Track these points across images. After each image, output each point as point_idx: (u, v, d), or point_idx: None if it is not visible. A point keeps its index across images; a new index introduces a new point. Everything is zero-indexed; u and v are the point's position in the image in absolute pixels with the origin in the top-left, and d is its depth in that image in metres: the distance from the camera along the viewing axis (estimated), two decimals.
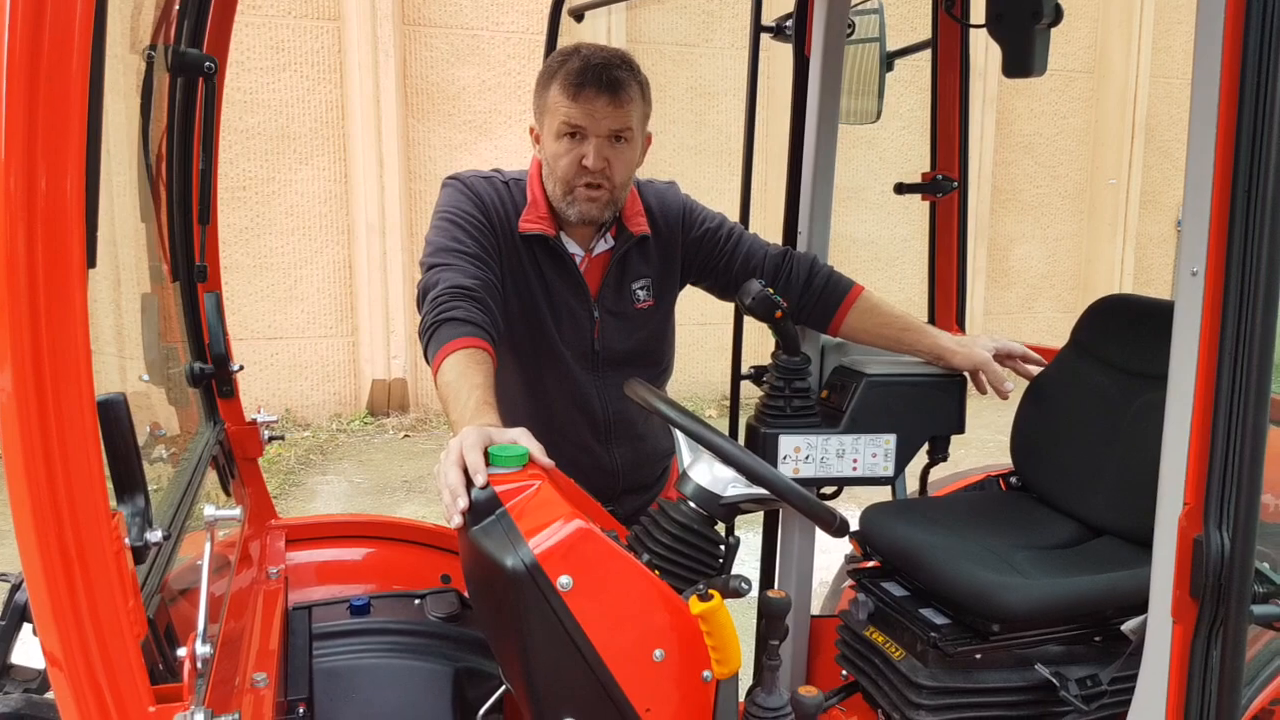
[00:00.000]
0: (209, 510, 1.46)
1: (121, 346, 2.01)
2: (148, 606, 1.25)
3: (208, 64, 1.91)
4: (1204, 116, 1.35)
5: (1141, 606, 1.54)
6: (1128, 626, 1.79)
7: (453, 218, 2.23)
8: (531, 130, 2.32)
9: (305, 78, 8.18)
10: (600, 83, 2.14)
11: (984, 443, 3.81)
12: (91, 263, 1.03)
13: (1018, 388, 2.47)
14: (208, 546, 1.39)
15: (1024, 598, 1.95)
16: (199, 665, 1.16)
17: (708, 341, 8.50)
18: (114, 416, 1.19)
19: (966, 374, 2.47)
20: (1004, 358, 2.45)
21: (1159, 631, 1.48)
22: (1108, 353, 2.35)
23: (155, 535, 1.20)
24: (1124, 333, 2.34)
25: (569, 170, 2.20)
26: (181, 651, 1.15)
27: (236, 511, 1.54)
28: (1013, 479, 2.61)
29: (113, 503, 1.19)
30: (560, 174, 2.22)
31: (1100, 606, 2.00)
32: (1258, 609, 1.41)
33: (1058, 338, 2.56)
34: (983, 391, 2.45)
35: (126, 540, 1.09)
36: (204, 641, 1.16)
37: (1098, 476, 2.27)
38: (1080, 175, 11.27)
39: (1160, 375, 1.47)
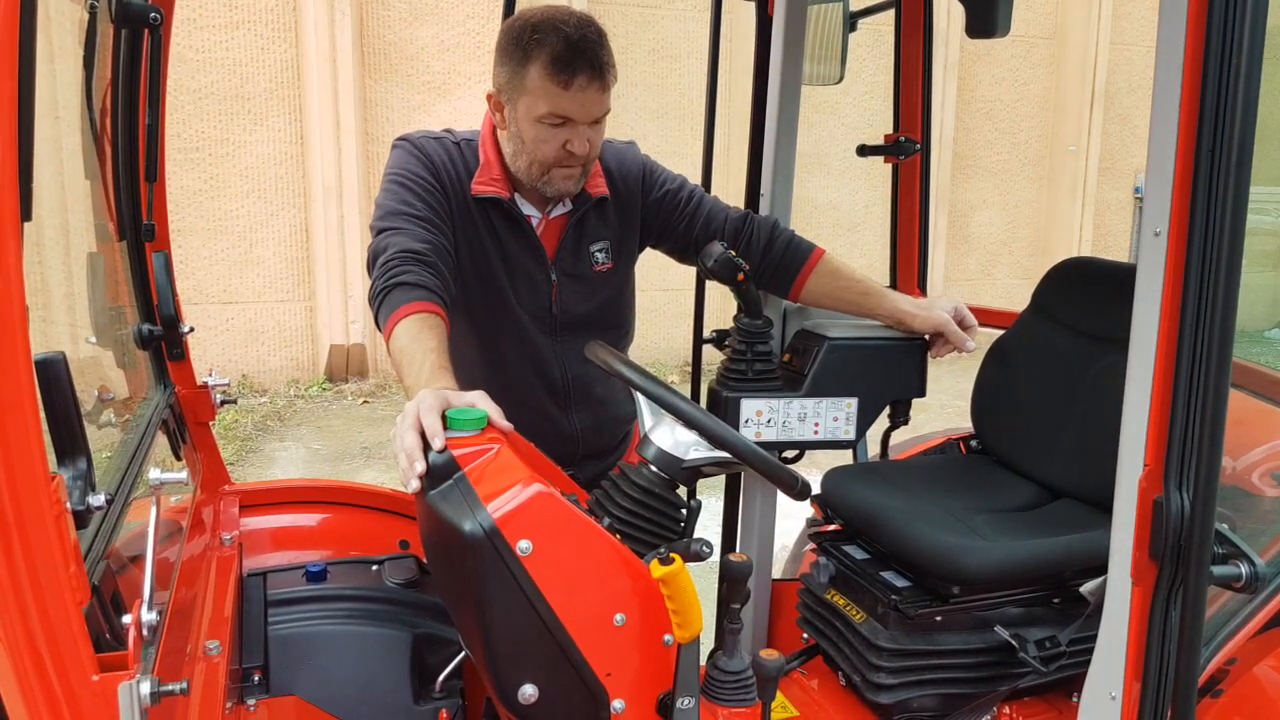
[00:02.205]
0: (154, 473, 1.42)
1: (68, 307, 1.96)
2: (92, 573, 1.22)
3: (153, 15, 1.85)
4: (1168, 76, 1.34)
5: (1100, 568, 1.55)
6: (1086, 588, 1.80)
7: (402, 180, 2.18)
8: (490, 97, 2.23)
9: (260, 36, 8.01)
10: (592, 69, 2.06)
11: (944, 406, 3.84)
12: (26, 215, 0.98)
13: (979, 350, 2.47)
14: (153, 510, 1.35)
15: (983, 560, 1.96)
16: (145, 633, 1.13)
17: (670, 307, 8.49)
18: (53, 376, 1.15)
19: (926, 337, 2.46)
20: (958, 323, 2.44)
21: (1118, 593, 1.48)
22: (1068, 316, 2.36)
23: (98, 499, 1.16)
24: (1084, 296, 2.35)
25: (551, 155, 2.14)
26: (127, 619, 1.12)
27: (182, 475, 1.50)
28: (973, 442, 2.62)
29: (53, 466, 1.15)
30: (540, 157, 2.15)
31: (1059, 569, 2.01)
32: (1217, 570, 1.41)
33: (1017, 304, 2.56)
34: (936, 356, 2.46)
35: (67, 504, 1.05)
36: (150, 608, 1.13)
37: (1057, 440, 2.28)
38: (1040, 142, 11.34)
39: (1120, 339, 1.47)
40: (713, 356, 2.67)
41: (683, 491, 1.84)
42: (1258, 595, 1.75)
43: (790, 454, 2.51)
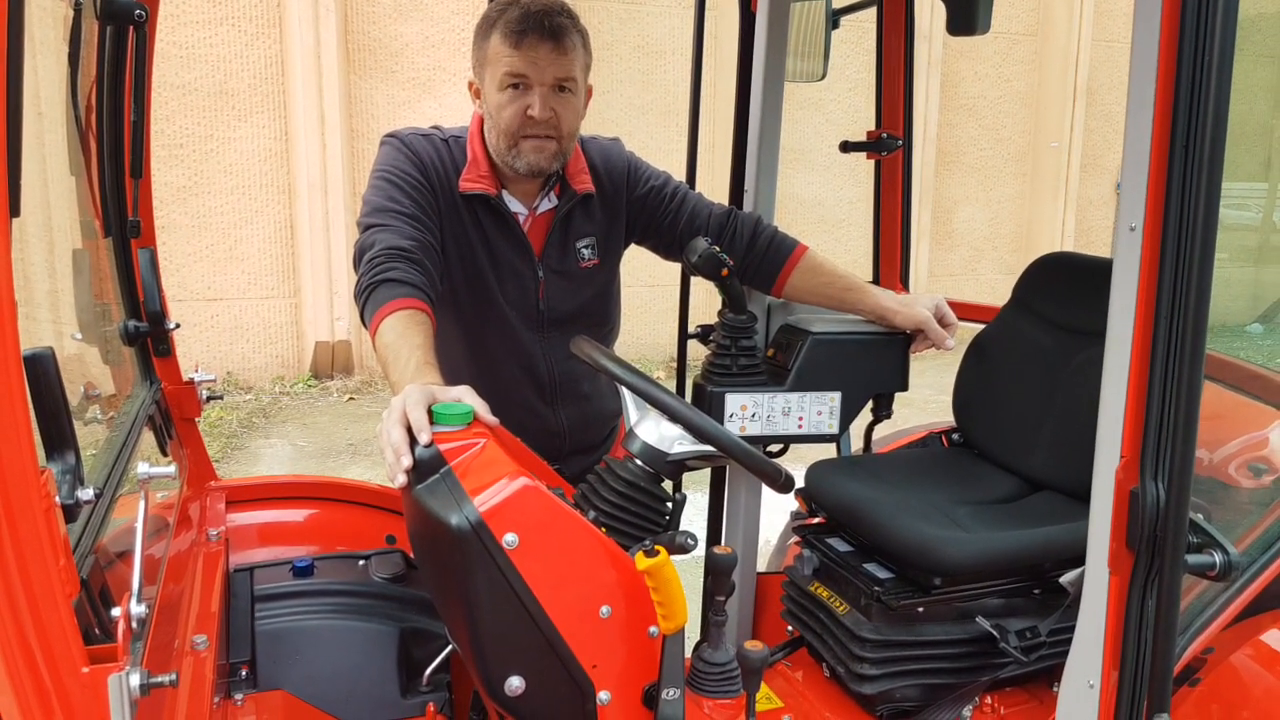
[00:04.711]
0: (142, 468, 1.43)
1: (53, 304, 1.96)
2: (81, 566, 1.22)
3: (138, 12, 1.85)
4: (1143, 71, 1.36)
5: (1079, 559, 1.57)
6: (1065, 579, 1.82)
7: (390, 177, 2.19)
8: (471, 85, 2.27)
9: (244, 32, 7.98)
10: (543, 30, 2.10)
11: (926, 401, 3.85)
12: (15, 211, 0.99)
13: (960, 345, 2.49)
14: (141, 504, 1.36)
15: (965, 552, 1.98)
16: (134, 626, 1.14)
17: (656, 303, 8.49)
18: (41, 371, 1.16)
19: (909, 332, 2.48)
20: (939, 320, 2.46)
21: (1096, 582, 1.50)
22: (1048, 310, 2.38)
23: (87, 493, 1.17)
24: (1064, 290, 2.37)
25: (513, 122, 2.16)
26: (116, 612, 1.13)
27: (171, 469, 1.51)
28: (954, 436, 2.64)
29: (42, 460, 1.16)
30: (504, 126, 2.17)
31: (1039, 560, 2.03)
32: (1192, 559, 1.44)
33: (1000, 299, 2.58)
34: (915, 352, 2.47)
35: (57, 498, 1.06)
36: (139, 601, 1.14)
37: (1037, 433, 2.30)
38: (1023, 138, 11.38)
39: (1098, 333, 1.49)
40: (698, 351, 2.69)
41: (668, 485, 1.86)
42: (1233, 584, 1.77)
43: (775, 448, 2.53)
